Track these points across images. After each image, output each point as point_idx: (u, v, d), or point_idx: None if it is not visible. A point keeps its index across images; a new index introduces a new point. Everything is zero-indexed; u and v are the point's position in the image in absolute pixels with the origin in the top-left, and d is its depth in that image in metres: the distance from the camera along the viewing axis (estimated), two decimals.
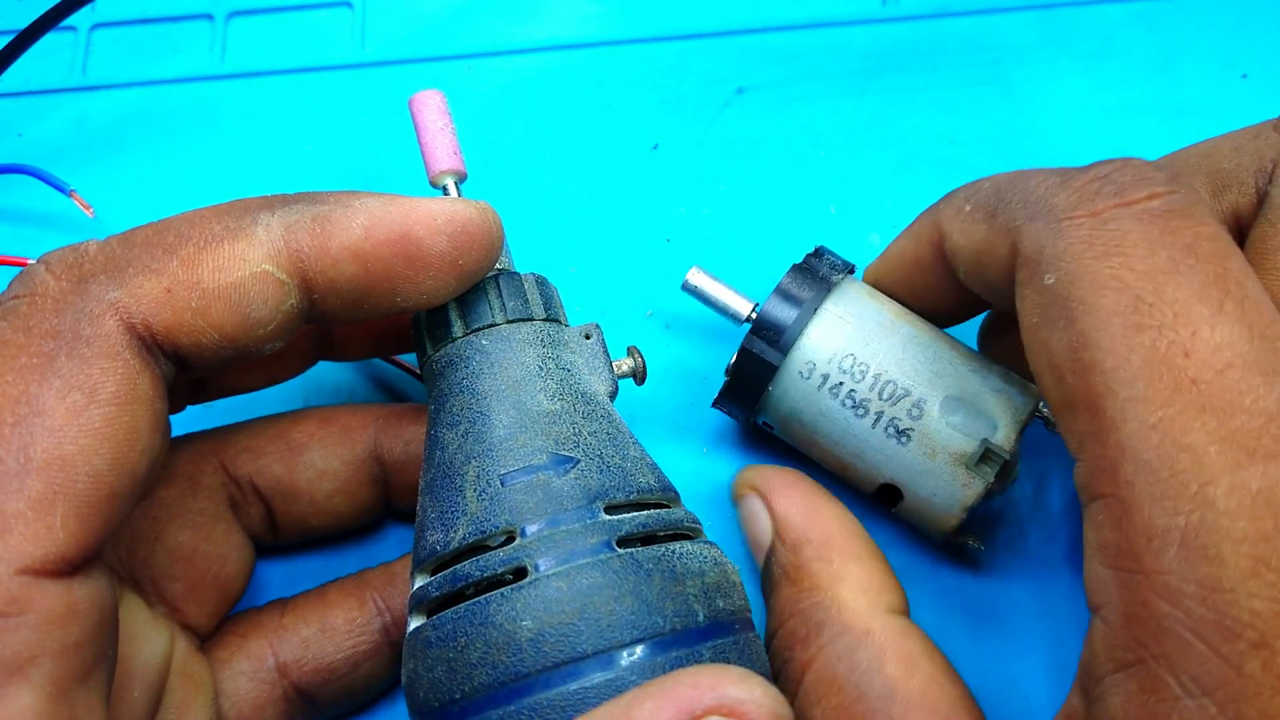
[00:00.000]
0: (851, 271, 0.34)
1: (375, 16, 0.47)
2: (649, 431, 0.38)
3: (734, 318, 0.35)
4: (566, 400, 0.29)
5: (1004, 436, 0.31)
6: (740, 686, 0.22)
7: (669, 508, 0.28)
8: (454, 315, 0.30)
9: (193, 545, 0.31)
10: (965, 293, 0.30)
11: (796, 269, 0.33)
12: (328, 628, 0.32)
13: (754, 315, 0.34)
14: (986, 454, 0.31)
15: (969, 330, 0.36)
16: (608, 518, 0.27)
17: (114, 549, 0.30)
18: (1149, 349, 0.22)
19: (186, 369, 0.26)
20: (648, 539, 0.27)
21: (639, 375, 0.33)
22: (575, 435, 0.28)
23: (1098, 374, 0.23)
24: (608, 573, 0.25)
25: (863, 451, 0.32)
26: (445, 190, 0.32)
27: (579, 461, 0.27)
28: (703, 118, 0.44)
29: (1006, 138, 0.42)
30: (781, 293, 0.33)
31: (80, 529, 0.23)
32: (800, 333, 0.32)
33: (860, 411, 0.32)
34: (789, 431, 0.34)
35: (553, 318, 0.31)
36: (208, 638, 0.32)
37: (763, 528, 0.32)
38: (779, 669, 0.29)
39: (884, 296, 0.34)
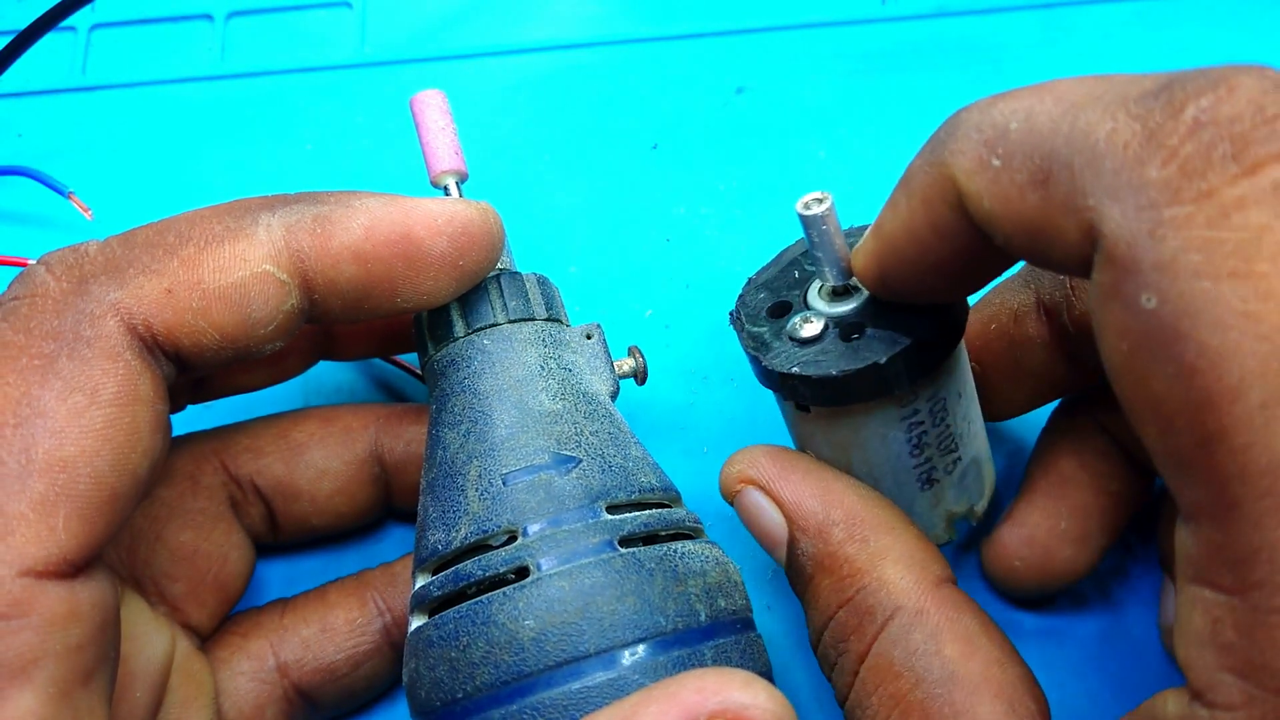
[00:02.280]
0: None
1: (375, 16, 0.47)
2: (649, 431, 0.38)
3: (834, 276, 0.28)
4: (568, 400, 0.29)
5: (981, 506, 0.32)
6: (745, 691, 0.22)
7: (670, 507, 0.28)
8: (455, 315, 0.30)
9: (193, 545, 0.31)
10: (997, 253, 0.24)
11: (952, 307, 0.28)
12: (328, 628, 0.32)
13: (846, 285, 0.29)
14: (966, 515, 0.31)
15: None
16: (609, 517, 0.27)
17: (115, 549, 0.30)
18: None
19: (187, 369, 0.26)
20: (649, 539, 0.27)
21: (640, 375, 0.33)
22: (577, 435, 0.28)
23: (1226, 450, 0.18)
24: (610, 572, 0.25)
25: (882, 479, 0.30)
26: (446, 190, 0.32)
27: (581, 461, 0.27)
28: (703, 118, 0.44)
29: None
30: (939, 326, 0.27)
31: (82, 530, 0.23)
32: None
33: (916, 452, 0.29)
34: (825, 428, 0.30)
35: (554, 317, 0.31)
36: (208, 637, 0.32)
37: (772, 520, 0.28)
38: (834, 662, 0.27)
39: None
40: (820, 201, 0.27)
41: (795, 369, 0.27)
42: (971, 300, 0.29)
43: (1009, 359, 0.31)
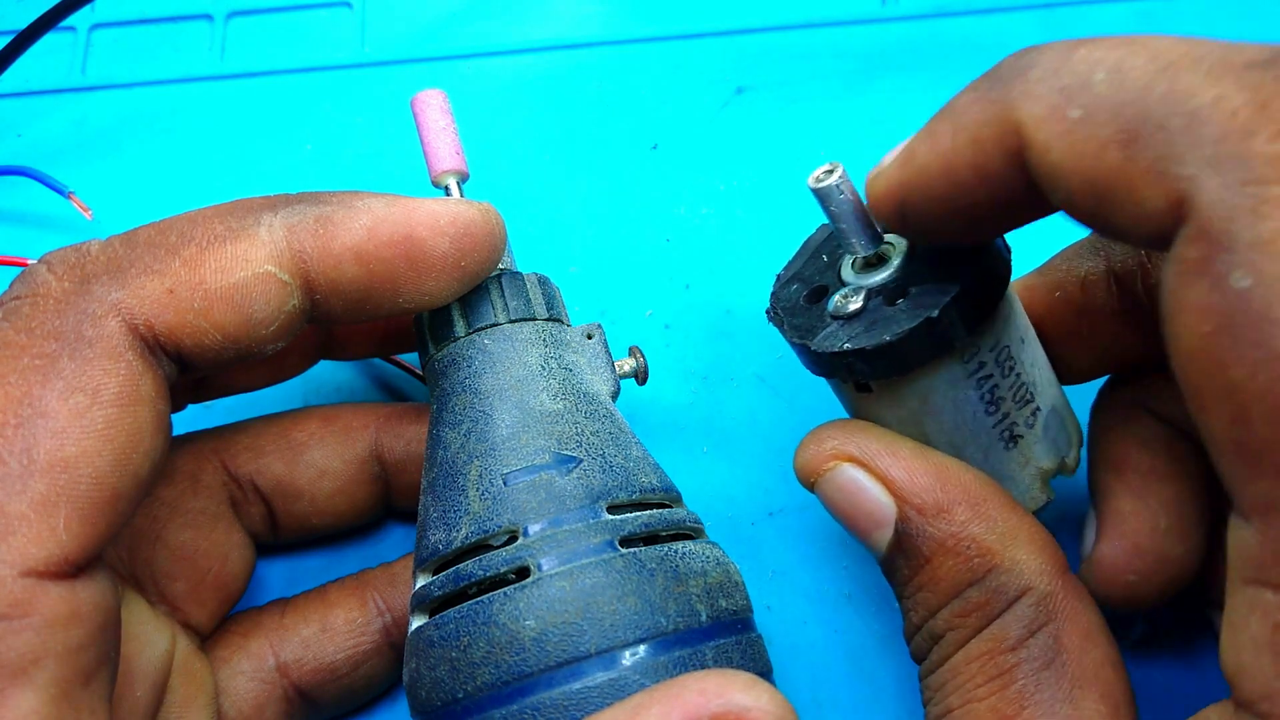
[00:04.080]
0: None
1: (375, 16, 0.47)
2: (649, 431, 0.38)
3: (858, 246, 0.28)
4: (569, 400, 0.29)
5: (1074, 457, 0.30)
6: (747, 692, 0.22)
7: (671, 507, 0.28)
8: (456, 315, 0.30)
9: (194, 544, 0.31)
10: (1043, 203, 0.23)
11: (993, 249, 0.27)
12: (328, 628, 0.32)
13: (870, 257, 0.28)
14: (1060, 469, 0.29)
15: None
16: (610, 517, 0.27)
17: (115, 549, 0.30)
18: None
19: (188, 369, 0.26)
20: (650, 539, 0.27)
21: (641, 375, 0.33)
22: (578, 435, 0.28)
23: None
24: (610, 572, 0.25)
25: (965, 447, 0.28)
26: (447, 190, 0.32)
27: (581, 461, 0.27)
28: (703, 118, 0.44)
29: None
30: (984, 271, 0.27)
31: (83, 530, 0.23)
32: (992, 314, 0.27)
33: (991, 409, 0.28)
34: (891, 404, 0.28)
35: (555, 317, 0.31)
36: (208, 637, 0.32)
37: (876, 500, 0.26)
38: (941, 634, 0.26)
39: None
40: (830, 172, 0.26)
41: (848, 345, 0.26)
42: (1021, 260, 0.28)
43: (1076, 328, 0.30)
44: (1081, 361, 0.30)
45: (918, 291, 0.26)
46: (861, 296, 0.27)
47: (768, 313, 0.30)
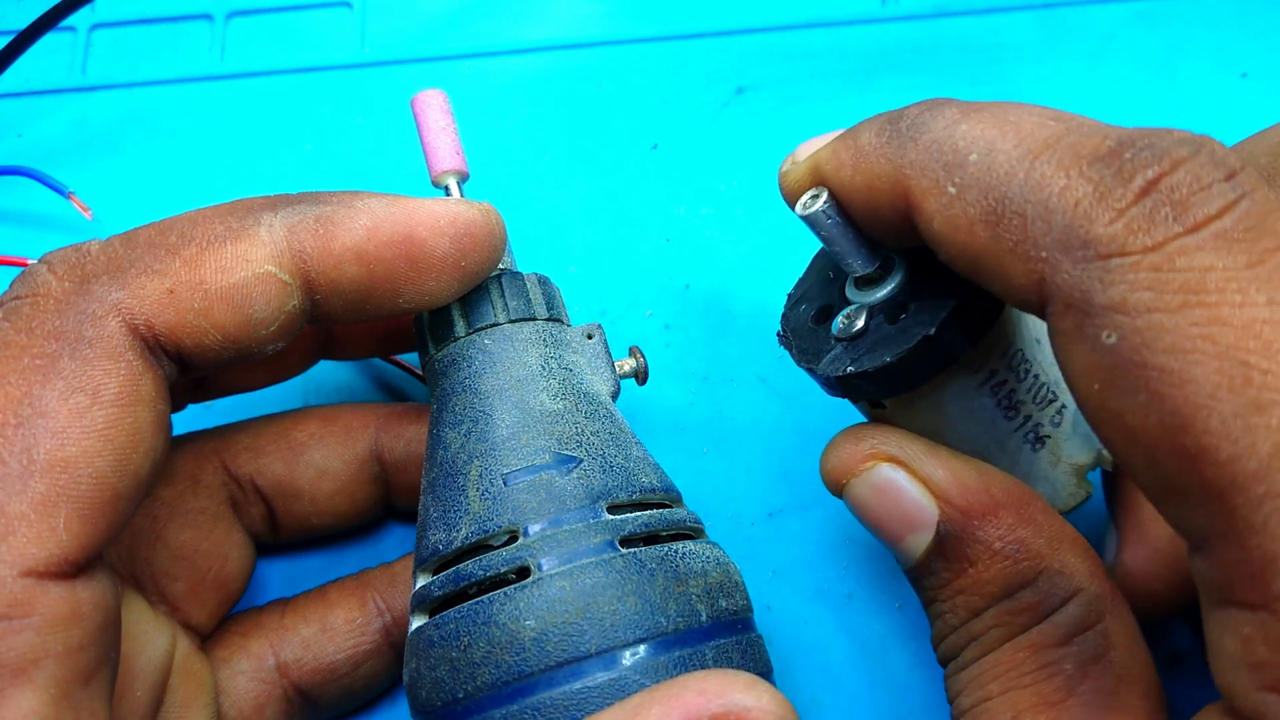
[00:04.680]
0: None
1: (375, 16, 0.47)
2: (649, 431, 0.38)
3: (855, 266, 0.27)
4: (569, 400, 0.29)
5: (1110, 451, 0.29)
6: (748, 693, 0.22)
7: (671, 507, 0.28)
8: (456, 315, 0.30)
9: (194, 544, 0.31)
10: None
11: None
12: (328, 628, 0.32)
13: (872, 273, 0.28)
14: (1096, 462, 0.29)
15: None
16: (610, 517, 0.27)
17: (115, 548, 0.30)
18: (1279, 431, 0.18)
19: (188, 369, 0.26)
20: (650, 539, 0.27)
21: (641, 375, 0.33)
22: (578, 435, 0.28)
23: (1211, 464, 0.19)
24: (611, 572, 0.25)
25: (988, 453, 0.28)
26: (447, 190, 0.32)
27: (581, 461, 0.27)
28: (703, 118, 0.44)
29: None
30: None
31: (83, 530, 0.23)
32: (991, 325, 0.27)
33: (1010, 413, 0.28)
34: (906, 418, 0.28)
35: (555, 317, 0.31)
36: (208, 637, 0.32)
37: (916, 502, 0.26)
38: (981, 634, 0.26)
39: None
40: (816, 198, 0.26)
41: (851, 369, 0.26)
42: None
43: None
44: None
45: (917, 307, 0.26)
46: (864, 316, 0.27)
47: (778, 335, 0.30)
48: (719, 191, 0.42)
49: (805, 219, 0.27)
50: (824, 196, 0.26)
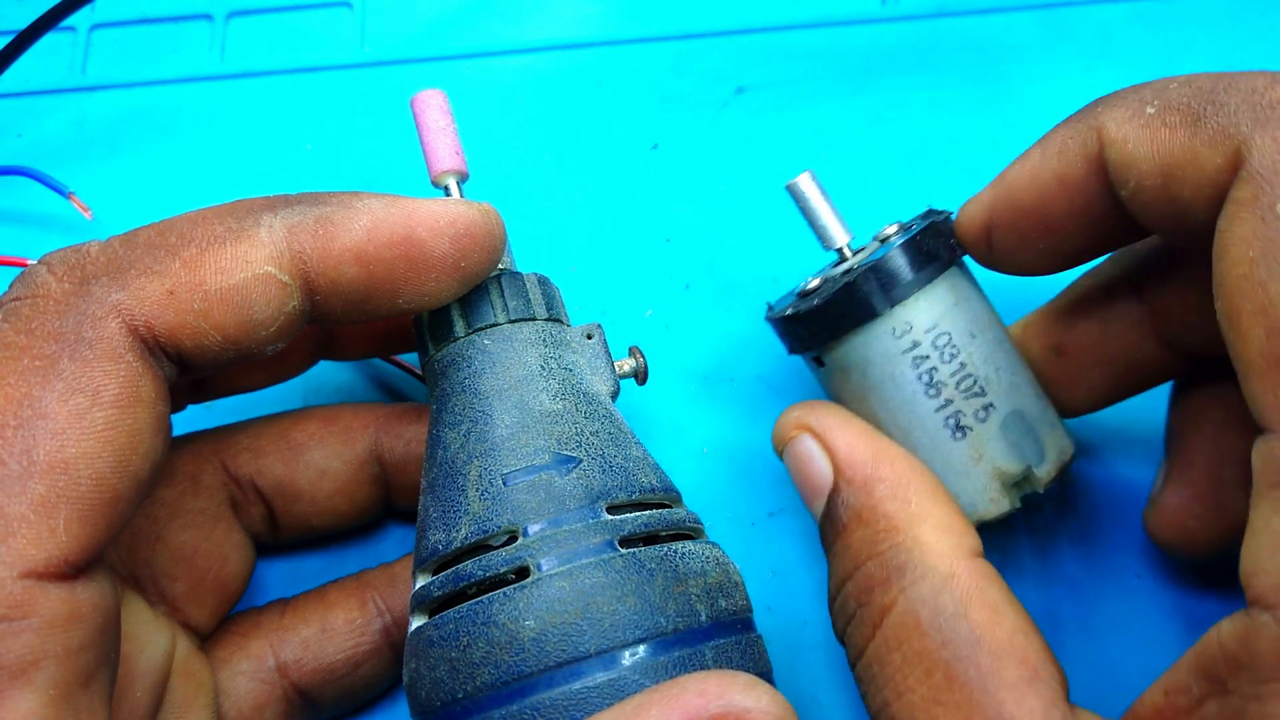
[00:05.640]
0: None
1: (375, 16, 0.47)
2: (649, 431, 0.38)
3: (824, 240, 0.33)
4: (568, 400, 0.29)
5: (1046, 471, 0.31)
6: (747, 694, 0.22)
7: (671, 507, 0.28)
8: (456, 315, 0.30)
9: (193, 545, 0.31)
10: (1115, 222, 0.27)
11: (933, 228, 0.31)
12: (328, 628, 0.32)
13: (845, 250, 0.32)
14: (1024, 480, 0.30)
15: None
16: (610, 517, 0.27)
17: (115, 549, 0.30)
18: None
19: (188, 370, 0.26)
20: (650, 539, 0.27)
21: (641, 375, 0.33)
22: (577, 435, 0.28)
23: None
24: (610, 572, 0.25)
25: (912, 430, 0.30)
26: (447, 190, 0.32)
27: (581, 461, 0.27)
28: (703, 118, 0.44)
29: (1006, 138, 0.42)
30: (913, 246, 0.30)
31: (83, 532, 0.23)
32: (914, 293, 0.30)
33: (932, 392, 0.30)
34: (842, 380, 0.32)
35: (555, 318, 0.31)
36: (208, 637, 0.32)
37: (820, 468, 0.29)
38: (852, 613, 0.28)
39: (984, 294, 0.32)
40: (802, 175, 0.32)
41: (790, 311, 0.31)
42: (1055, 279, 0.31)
43: (1097, 338, 0.31)
44: (1102, 379, 0.32)
45: (857, 268, 0.30)
46: (821, 279, 0.32)
47: (768, 305, 0.33)
48: (719, 191, 0.42)
49: (789, 189, 0.32)
50: (806, 174, 0.32)
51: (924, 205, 0.34)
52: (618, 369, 0.32)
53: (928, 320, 0.30)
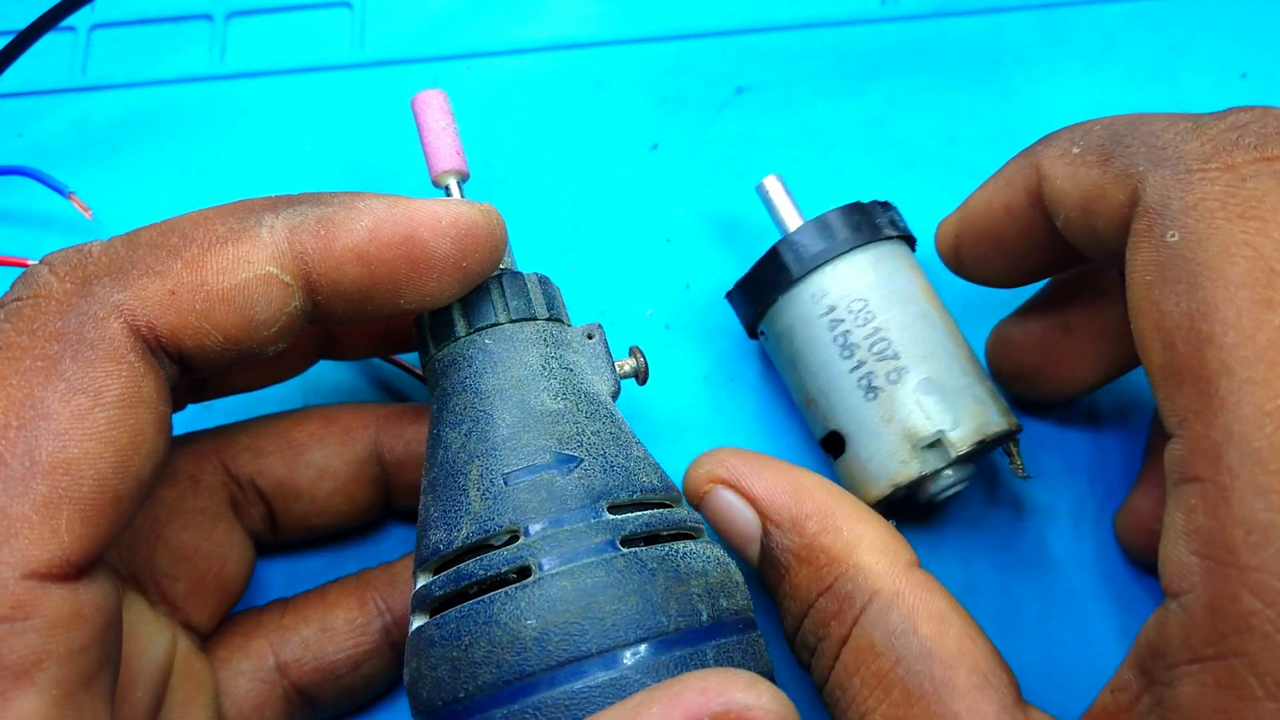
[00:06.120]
0: (910, 242, 0.35)
1: (375, 16, 0.47)
2: (649, 431, 0.38)
3: (780, 228, 0.36)
4: (569, 400, 0.29)
5: (960, 437, 0.32)
6: (748, 691, 0.22)
7: (672, 507, 0.28)
8: (457, 315, 0.30)
9: (194, 545, 0.31)
10: (1056, 246, 0.29)
11: (855, 206, 0.34)
12: (328, 628, 0.32)
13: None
14: (935, 444, 0.32)
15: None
16: (611, 517, 0.27)
17: (116, 549, 0.30)
18: (1278, 330, 0.21)
19: (189, 370, 0.26)
20: (651, 538, 0.27)
21: (641, 375, 0.33)
22: (578, 435, 0.28)
23: (1214, 348, 0.22)
24: (611, 572, 0.25)
25: (830, 391, 0.33)
26: (448, 190, 0.32)
27: (582, 461, 0.27)
28: (702, 118, 0.44)
29: (1006, 138, 0.43)
30: (829, 219, 0.34)
31: (85, 532, 0.23)
32: (829, 260, 0.33)
33: (846, 353, 0.33)
34: (780, 347, 0.35)
35: (556, 317, 0.31)
36: (209, 637, 0.32)
37: (744, 517, 0.30)
38: (814, 647, 0.29)
39: (923, 275, 0.34)
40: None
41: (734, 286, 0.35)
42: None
43: (1096, 312, 0.33)
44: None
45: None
46: None
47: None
48: (719, 191, 0.42)
49: (758, 190, 0.36)
50: (772, 177, 0.36)
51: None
52: (618, 369, 0.32)
53: (844, 287, 0.33)
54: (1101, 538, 0.36)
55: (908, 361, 0.32)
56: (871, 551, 0.28)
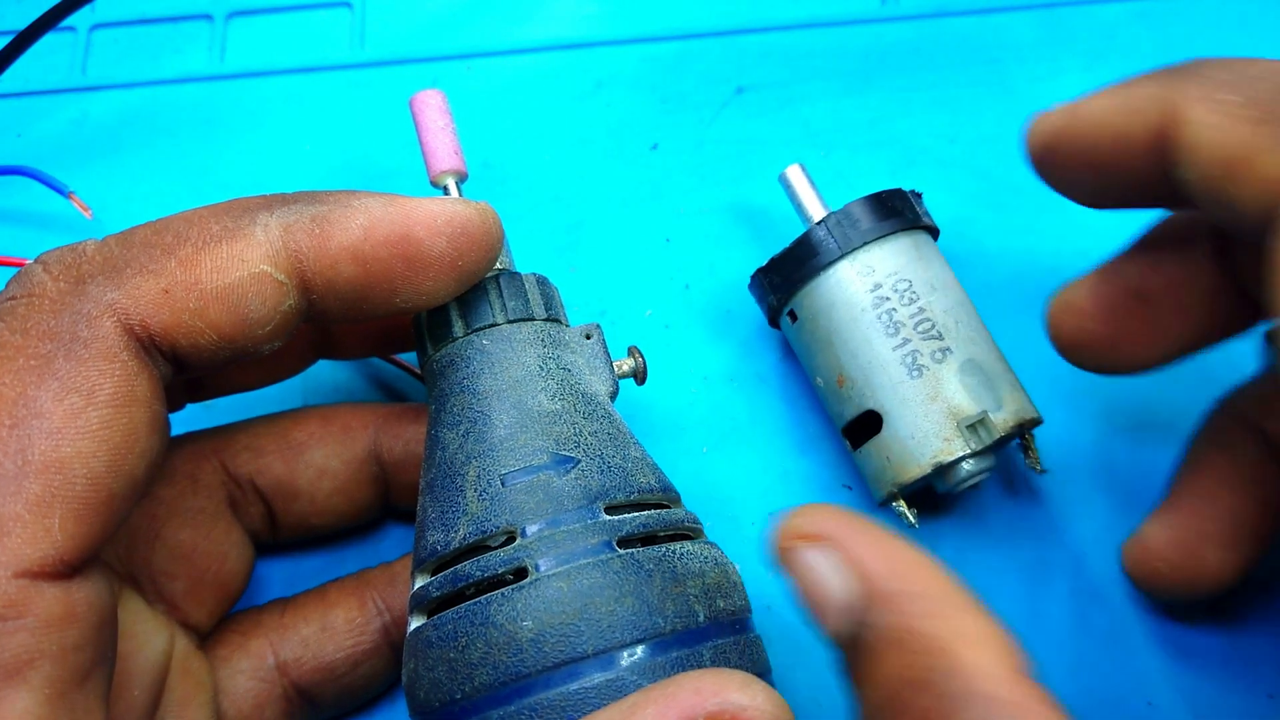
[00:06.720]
0: (934, 233, 0.36)
1: (375, 16, 0.47)
2: (649, 431, 0.38)
3: (805, 218, 0.36)
4: (567, 400, 0.29)
5: (1002, 420, 0.32)
6: (743, 692, 0.22)
7: (669, 508, 0.28)
8: (455, 315, 0.30)
9: (192, 544, 0.31)
10: (1161, 190, 0.26)
11: (897, 191, 0.34)
12: (328, 627, 0.32)
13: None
14: (980, 424, 0.32)
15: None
16: (608, 518, 0.27)
17: (113, 547, 0.30)
18: None
19: (184, 369, 0.26)
20: (648, 539, 0.27)
21: (640, 375, 0.33)
22: (576, 435, 0.28)
23: None
24: (608, 573, 0.25)
25: (871, 369, 0.33)
26: (446, 190, 0.32)
27: (579, 461, 0.27)
28: (702, 118, 0.44)
29: (1006, 138, 0.42)
30: (875, 200, 0.34)
31: (79, 531, 0.23)
32: (876, 239, 0.33)
33: (891, 330, 0.33)
34: (810, 327, 0.34)
35: (553, 318, 0.31)
36: (207, 636, 0.32)
37: (839, 584, 0.24)
38: None
39: (954, 273, 0.35)
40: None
41: (766, 263, 0.35)
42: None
43: (1179, 279, 0.30)
44: (1174, 325, 0.30)
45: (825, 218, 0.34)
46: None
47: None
48: (719, 191, 0.42)
49: (780, 179, 0.36)
50: (795, 166, 0.36)
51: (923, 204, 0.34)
52: (617, 369, 0.32)
53: (890, 265, 0.33)
54: (1117, 536, 0.35)
55: (951, 342, 0.32)
56: (979, 649, 0.23)
